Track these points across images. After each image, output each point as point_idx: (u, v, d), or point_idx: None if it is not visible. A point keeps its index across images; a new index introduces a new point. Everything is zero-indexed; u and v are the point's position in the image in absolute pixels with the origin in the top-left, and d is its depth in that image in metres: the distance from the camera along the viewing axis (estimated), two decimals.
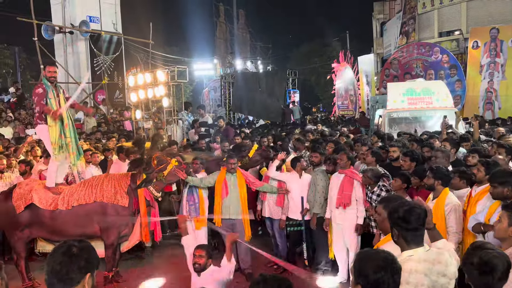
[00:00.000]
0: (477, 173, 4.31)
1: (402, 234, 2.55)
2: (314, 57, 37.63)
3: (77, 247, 2.00)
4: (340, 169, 5.59)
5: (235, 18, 37.55)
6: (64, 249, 1.98)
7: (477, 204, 4.09)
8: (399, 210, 2.57)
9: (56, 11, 18.66)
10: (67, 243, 2.03)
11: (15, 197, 5.43)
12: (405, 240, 2.54)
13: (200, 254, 4.01)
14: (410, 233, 2.53)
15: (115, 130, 13.23)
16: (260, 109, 18.14)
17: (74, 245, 2.01)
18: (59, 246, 2.03)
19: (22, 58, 31.77)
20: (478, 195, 4.16)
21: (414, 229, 2.53)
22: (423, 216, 2.56)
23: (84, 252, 2.00)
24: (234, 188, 5.88)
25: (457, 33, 21.13)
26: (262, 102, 18.00)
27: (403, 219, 2.53)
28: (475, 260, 2.24)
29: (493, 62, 16.13)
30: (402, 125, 9.89)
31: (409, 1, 23.48)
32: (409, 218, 2.52)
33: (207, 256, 4.02)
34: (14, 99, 16.92)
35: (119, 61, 19.15)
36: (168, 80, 10.36)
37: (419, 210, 2.56)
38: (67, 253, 1.97)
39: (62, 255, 1.96)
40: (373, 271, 2.04)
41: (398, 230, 2.57)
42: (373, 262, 2.07)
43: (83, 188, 5.56)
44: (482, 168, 4.25)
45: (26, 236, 5.52)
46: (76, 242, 2.04)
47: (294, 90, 20.62)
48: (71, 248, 1.99)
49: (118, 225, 5.54)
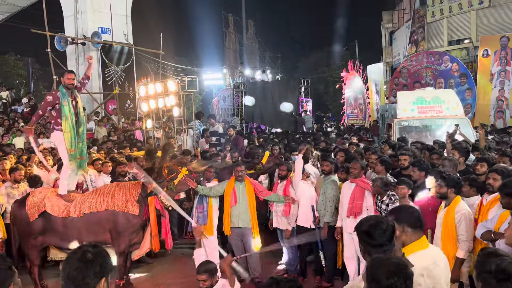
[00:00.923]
0: (493, 182, 4.24)
1: (367, 250, 2.45)
2: (323, 66, 37.72)
3: (92, 253, 2.03)
4: (352, 178, 5.58)
5: (244, 28, 37.87)
6: (79, 255, 2.01)
7: (489, 212, 4.06)
8: (364, 224, 2.47)
9: (69, 23, 19.04)
10: (82, 249, 2.06)
11: (29, 205, 5.51)
12: (370, 257, 2.41)
13: (203, 279, 3.87)
14: (374, 249, 2.40)
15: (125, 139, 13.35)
16: (273, 118, 18.18)
17: (88, 250, 2.04)
18: (74, 252, 2.06)
19: (35, 69, 32.30)
20: (490, 203, 4.13)
21: (379, 245, 2.40)
22: (389, 232, 2.43)
23: (99, 257, 2.03)
24: (243, 196, 5.89)
25: (466, 41, 21.05)
26: (274, 111, 18.04)
27: (367, 233, 2.43)
28: (493, 268, 2.14)
29: (503, 71, 16.02)
30: (412, 134, 9.81)
31: (418, 10, 23.48)
32: (373, 233, 2.40)
33: (211, 276, 3.88)
34: (27, 109, 17.20)
35: (130, 71, 19.40)
36: (179, 90, 10.46)
37: (385, 225, 2.44)
38: (82, 259, 1.99)
39: (78, 261, 1.99)
40: (385, 277, 2.04)
41: (363, 245, 2.47)
42: (385, 268, 2.07)
43: (95, 196, 5.62)
44: (498, 177, 4.20)
45: (39, 244, 5.59)
46: (90, 247, 2.07)
47: (307, 99, 20.57)
48: (86, 254, 2.01)
49: (129, 233, 5.59)
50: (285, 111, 17.83)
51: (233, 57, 38.20)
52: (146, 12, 27.11)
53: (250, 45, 39.33)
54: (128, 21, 19.98)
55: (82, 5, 18.73)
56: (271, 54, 40.40)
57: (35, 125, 5.75)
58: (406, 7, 27.61)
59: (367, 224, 2.46)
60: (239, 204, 5.87)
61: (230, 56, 38.04)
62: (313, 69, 37.39)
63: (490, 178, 4.32)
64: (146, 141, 11.74)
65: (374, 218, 2.57)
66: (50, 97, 5.64)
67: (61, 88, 5.66)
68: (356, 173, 5.52)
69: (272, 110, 18.18)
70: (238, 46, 39.17)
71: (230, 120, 20.60)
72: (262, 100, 18.47)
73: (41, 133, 12.89)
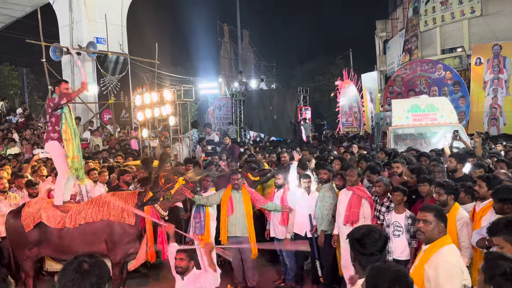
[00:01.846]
0: (479, 189, 4.28)
1: (357, 258, 2.45)
2: (318, 75, 37.95)
3: (88, 263, 2.01)
4: (348, 186, 5.59)
5: (239, 38, 38.11)
6: (75, 266, 1.99)
7: (482, 219, 4.07)
8: (356, 232, 2.48)
9: (64, 33, 19.06)
10: (78, 259, 2.03)
11: (24, 215, 5.46)
12: (359, 265, 2.42)
13: (181, 257, 4.07)
14: (364, 258, 2.40)
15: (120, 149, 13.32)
16: (272, 126, 18.14)
17: (85, 260, 2.02)
18: (70, 262, 2.03)
19: (29, 79, 32.25)
20: (482, 211, 4.15)
21: (370, 254, 2.40)
22: (381, 241, 2.44)
23: (95, 268, 2.01)
24: (240, 205, 5.88)
25: (459, 50, 21.26)
26: (273, 120, 18.00)
27: (358, 242, 2.44)
28: (508, 270, 2.12)
29: (496, 78, 16.19)
30: (407, 141, 9.88)
31: (411, 19, 23.73)
32: (365, 242, 2.41)
33: (189, 258, 4.08)
34: (21, 120, 17.13)
35: (125, 81, 19.41)
36: (175, 99, 10.47)
37: (378, 235, 2.44)
38: (78, 270, 1.97)
39: (74, 272, 1.97)
40: (387, 285, 2.04)
41: (354, 253, 2.48)
42: (387, 276, 2.07)
43: (91, 206, 5.58)
44: (483, 184, 4.24)
45: (34, 255, 5.52)
46: (87, 258, 2.04)
47: (306, 107, 20.54)
48: (82, 265, 1.99)
49: (125, 244, 5.55)
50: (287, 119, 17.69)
51: (228, 66, 38.39)
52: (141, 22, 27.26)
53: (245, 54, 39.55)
54: (124, 31, 20.02)
55: (77, 15, 18.76)
56: (266, 63, 40.64)
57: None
58: (400, 16, 27.90)
59: (360, 233, 2.48)
60: (236, 213, 5.85)
61: (225, 66, 38.22)
62: (308, 78, 37.60)
63: (476, 185, 4.36)
64: (142, 150, 11.71)
65: (367, 227, 2.60)
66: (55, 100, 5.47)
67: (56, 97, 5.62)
68: (353, 180, 5.54)
69: (271, 118, 18.13)
70: (233, 56, 39.39)
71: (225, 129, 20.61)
72: (261, 108, 18.42)
73: (35, 144, 12.84)
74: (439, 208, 3.21)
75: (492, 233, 2.84)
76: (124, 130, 16.86)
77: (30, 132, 14.65)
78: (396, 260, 4.75)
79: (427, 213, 3.01)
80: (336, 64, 36.50)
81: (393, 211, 4.99)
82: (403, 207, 4.91)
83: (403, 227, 4.82)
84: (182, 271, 4.06)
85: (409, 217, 4.81)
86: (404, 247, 4.82)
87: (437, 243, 2.90)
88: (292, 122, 17.57)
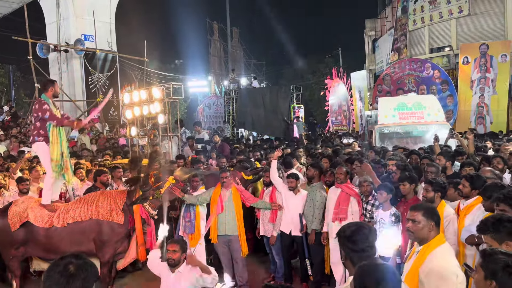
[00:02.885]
0: (462, 188, 4.33)
1: (348, 256, 2.46)
2: (308, 74, 38.04)
3: (74, 265, 1.94)
4: (337, 184, 5.62)
5: (229, 36, 38.01)
6: (61, 268, 1.92)
7: (465, 217, 4.12)
8: (346, 230, 2.48)
9: (51, 30, 18.83)
10: (64, 261, 1.96)
11: (11, 214, 5.38)
12: (351, 262, 2.43)
13: (174, 249, 4.03)
14: (355, 255, 2.41)
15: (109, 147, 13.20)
16: (264, 124, 18.06)
17: (71, 262, 1.95)
18: (55, 264, 1.96)
19: (16, 77, 31.79)
20: (466, 209, 4.20)
21: (361, 250, 2.42)
22: (372, 237, 2.46)
23: (81, 271, 1.94)
24: (229, 203, 5.85)
25: (447, 49, 21.50)
26: (266, 118, 17.92)
27: (349, 239, 2.45)
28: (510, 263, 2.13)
29: (483, 77, 16.40)
30: (393, 140, 9.75)
31: (400, 19, 23.92)
32: (356, 239, 2.43)
33: (181, 250, 4.06)
34: (8, 118, 16.91)
35: (114, 78, 19.26)
36: (164, 97, 10.40)
37: (367, 231, 2.47)
38: (64, 273, 1.91)
39: (59, 275, 1.90)
40: (374, 283, 2.05)
41: (344, 250, 2.48)
42: (375, 274, 2.08)
43: (79, 205, 5.52)
44: (467, 183, 4.28)
45: (20, 254, 5.46)
46: (73, 259, 1.98)
47: (299, 106, 20.52)
48: (68, 267, 1.92)
49: (114, 243, 5.50)
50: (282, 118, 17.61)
51: (218, 65, 38.27)
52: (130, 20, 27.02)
53: (235, 52, 39.46)
54: (112, 28, 19.85)
55: (64, 12, 18.55)
56: (256, 62, 40.62)
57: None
58: (389, 15, 28.11)
59: (350, 230, 2.48)
60: (226, 211, 5.83)
61: (215, 64, 38.09)
62: (298, 77, 37.66)
63: (461, 183, 4.41)
64: (131, 148, 11.63)
65: (356, 223, 2.60)
66: (46, 105, 5.43)
67: (45, 98, 5.55)
68: (342, 178, 5.56)
69: (264, 116, 18.05)
70: (223, 54, 39.26)
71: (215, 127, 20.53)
72: (253, 106, 18.32)
73: (21, 142, 12.67)
74: (428, 206, 3.22)
75: (481, 231, 2.89)
76: (114, 129, 16.73)
77: (17, 130, 14.46)
78: (381, 257, 4.78)
79: (415, 212, 3.02)
80: (325, 62, 36.62)
81: (380, 208, 5.03)
82: (389, 204, 4.95)
83: (387, 224, 4.87)
84: (175, 264, 4.03)
85: (393, 214, 4.86)
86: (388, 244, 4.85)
87: (430, 245, 2.92)
88: (284, 120, 17.53)
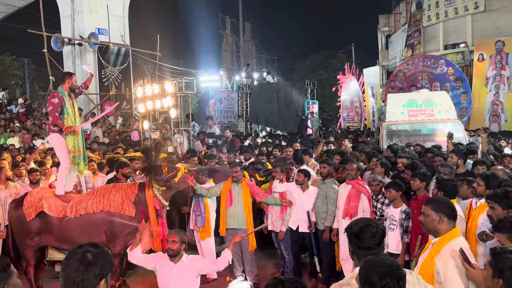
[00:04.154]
0: (477, 187, 4.29)
1: (355, 252, 2.50)
2: (320, 69, 37.87)
3: (92, 253, 1.99)
4: (348, 180, 5.61)
5: (241, 30, 37.95)
6: (80, 256, 1.98)
7: (479, 216, 4.06)
8: (354, 226, 2.52)
9: (66, 23, 19.01)
10: (82, 249, 2.02)
11: (26, 205, 5.50)
12: (357, 259, 2.47)
13: (173, 239, 4.04)
14: (362, 252, 2.45)
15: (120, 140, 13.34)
16: (278, 120, 17.92)
17: (89, 250, 2.00)
18: (74, 252, 2.02)
19: (30, 69, 32.22)
20: (480, 208, 4.12)
21: (367, 247, 2.45)
22: (379, 235, 2.48)
23: (99, 259, 1.99)
24: (239, 197, 5.89)
25: (462, 45, 21.19)
26: (279, 113, 17.78)
27: (356, 236, 2.48)
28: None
29: (498, 75, 16.15)
30: (401, 138, 9.43)
31: (414, 14, 23.63)
32: (362, 236, 2.46)
33: (180, 241, 4.06)
34: (22, 110, 17.15)
35: (127, 72, 19.39)
36: (176, 91, 10.47)
37: (375, 229, 2.49)
38: (83, 260, 1.96)
39: (78, 262, 1.96)
40: (379, 278, 2.06)
41: (352, 246, 2.53)
42: (379, 269, 2.09)
43: (91, 197, 5.61)
44: (482, 182, 4.24)
45: (35, 244, 5.57)
46: (91, 247, 2.03)
47: (313, 101, 20.34)
48: (86, 255, 1.98)
49: (125, 235, 5.57)
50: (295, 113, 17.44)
51: (230, 59, 38.30)
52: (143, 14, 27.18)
53: (247, 47, 39.43)
54: (125, 22, 19.96)
55: (79, 6, 18.71)
56: (268, 57, 40.53)
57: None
58: (403, 11, 27.78)
59: (358, 227, 2.51)
60: (235, 205, 5.87)
61: (227, 58, 38.13)
62: (309, 72, 37.52)
63: (475, 182, 4.37)
64: (143, 142, 11.74)
65: (364, 220, 2.62)
66: (56, 99, 5.54)
67: (61, 90, 5.64)
68: (352, 174, 5.55)
69: (277, 111, 17.87)
70: (235, 48, 39.26)
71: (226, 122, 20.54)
72: (267, 101, 18.13)
73: (35, 134, 12.86)
74: (438, 200, 3.22)
75: (497, 229, 2.90)
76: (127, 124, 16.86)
77: (31, 122, 14.67)
78: (390, 253, 4.79)
79: (426, 206, 3.08)
80: (338, 58, 36.43)
81: (391, 205, 5.03)
82: (400, 201, 4.95)
83: (397, 221, 4.87)
84: (174, 254, 4.04)
85: (403, 211, 4.85)
86: (397, 241, 4.87)
87: (446, 236, 2.95)
88: (298, 115, 17.31)
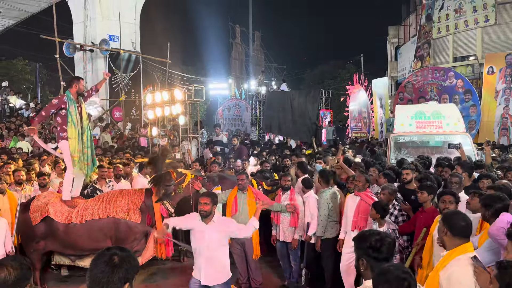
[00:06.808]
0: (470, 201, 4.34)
1: (370, 264, 2.47)
2: (328, 79, 37.89)
3: (119, 257, 2.03)
4: (356, 191, 5.55)
5: (250, 39, 38.12)
6: (107, 258, 2.02)
7: None
8: (369, 239, 2.50)
9: (78, 29, 19.26)
10: (110, 251, 2.06)
11: (32, 209, 5.54)
12: (371, 271, 2.43)
13: (205, 201, 4.35)
14: (378, 264, 2.41)
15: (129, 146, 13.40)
16: (291, 128, 17.77)
17: (116, 253, 2.04)
18: (102, 254, 2.06)
19: (42, 74, 32.59)
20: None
21: (385, 259, 2.45)
22: (393, 245, 2.51)
23: (125, 262, 2.03)
24: (244, 205, 5.88)
25: (472, 58, 21.12)
26: (293, 122, 17.65)
27: (374, 248, 2.46)
28: None
29: (508, 88, 16.04)
30: (409, 150, 9.38)
31: (424, 26, 23.61)
32: (381, 248, 2.45)
33: (212, 203, 4.37)
34: (32, 114, 17.33)
35: (137, 79, 19.54)
36: (185, 99, 10.53)
37: (390, 239, 2.51)
38: (109, 262, 2.00)
39: (105, 264, 2.00)
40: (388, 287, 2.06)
41: (366, 260, 2.48)
42: (388, 279, 2.09)
43: (97, 203, 5.63)
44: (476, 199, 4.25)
45: (41, 248, 5.60)
46: (118, 250, 2.07)
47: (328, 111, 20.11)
48: (113, 258, 2.02)
49: (131, 241, 5.59)
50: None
51: (239, 68, 38.46)
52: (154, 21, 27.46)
53: (256, 56, 39.58)
54: (137, 29, 20.17)
55: (91, 12, 18.97)
56: (277, 66, 40.66)
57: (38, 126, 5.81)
58: (412, 22, 27.78)
59: (373, 239, 2.48)
60: (240, 213, 5.85)
61: (236, 67, 38.29)
62: (318, 82, 37.55)
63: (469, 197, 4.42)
64: (151, 148, 11.80)
65: (376, 232, 2.59)
66: (56, 101, 5.66)
67: (68, 94, 5.70)
68: (360, 186, 5.48)
69: (291, 120, 17.74)
70: (244, 57, 39.43)
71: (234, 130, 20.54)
72: (281, 110, 18.00)
73: (52, 139, 12.97)
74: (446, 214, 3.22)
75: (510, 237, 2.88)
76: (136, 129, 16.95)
77: (40, 127, 14.79)
78: None
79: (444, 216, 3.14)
80: (347, 68, 36.41)
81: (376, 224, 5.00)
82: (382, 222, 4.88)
83: None
84: (206, 215, 4.36)
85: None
86: None
87: (455, 251, 2.90)
88: (315, 123, 17.03)
